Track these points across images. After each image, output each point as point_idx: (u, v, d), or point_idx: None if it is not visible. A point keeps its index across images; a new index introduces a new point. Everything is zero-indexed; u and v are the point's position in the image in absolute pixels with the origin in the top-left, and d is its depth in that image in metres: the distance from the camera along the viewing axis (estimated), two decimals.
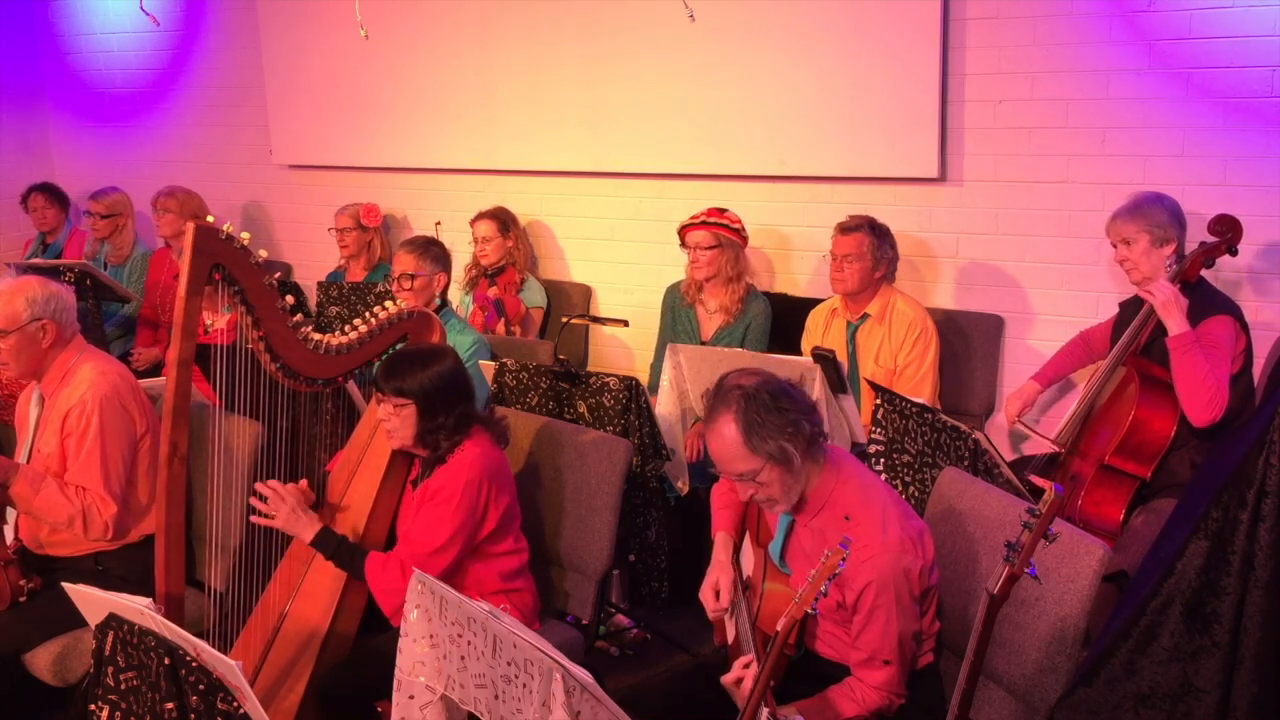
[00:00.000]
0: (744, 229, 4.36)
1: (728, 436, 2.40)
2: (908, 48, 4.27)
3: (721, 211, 4.36)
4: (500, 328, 4.83)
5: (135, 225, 5.82)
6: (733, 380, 2.44)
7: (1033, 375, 3.90)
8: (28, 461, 3.21)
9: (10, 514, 3.28)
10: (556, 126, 5.13)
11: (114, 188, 5.78)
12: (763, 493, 2.45)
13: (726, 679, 2.42)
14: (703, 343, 4.32)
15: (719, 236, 4.28)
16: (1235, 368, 3.27)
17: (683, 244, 4.37)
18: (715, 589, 2.65)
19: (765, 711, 2.25)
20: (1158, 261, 3.38)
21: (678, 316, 4.50)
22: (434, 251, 4.12)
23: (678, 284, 4.53)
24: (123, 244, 5.72)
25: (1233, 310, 3.32)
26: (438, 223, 5.27)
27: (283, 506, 2.84)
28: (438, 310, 3.98)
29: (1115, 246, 3.48)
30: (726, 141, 4.74)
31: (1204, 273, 3.41)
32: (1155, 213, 3.39)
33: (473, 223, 4.98)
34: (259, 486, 2.86)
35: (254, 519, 2.86)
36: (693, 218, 4.36)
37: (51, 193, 6.01)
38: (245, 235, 2.72)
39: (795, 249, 4.74)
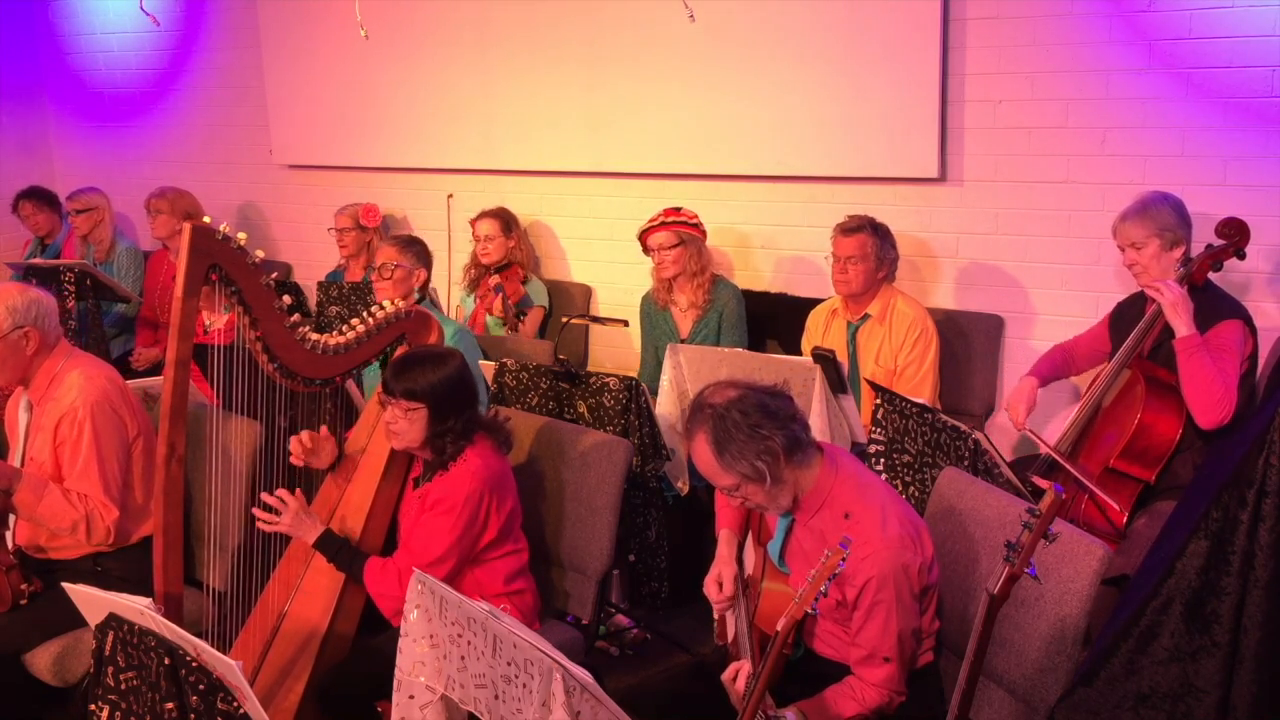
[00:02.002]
0: (701, 224, 4.45)
1: (702, 456, 2.42)
2: (908, 48, 4.27)
3: (677, 210, 4.44)
4: (498, 306, 4.80)
5: (113, 220, 5.82)
6: (707, 397, 2.45)
7: (1029, 371, 3.87)
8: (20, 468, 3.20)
9: (10, 518, 3.28)
10: (556, 126, 5.13)
11: (92, 188, 5.77)
12: (749, 502, 2.47)
13: (725, 675, 2.43)
14: (682, 341, 4.35)
15: (680, 234, 4.37)
16: (1243, 370, 3.25)
17: (645, 249, 4.45)
18: (718, 582, 2.65)
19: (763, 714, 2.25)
20: (1168, 265, 3.34)
21: (655, 322, 4.55)
22: (416, 248, 4.13)
23: (649, 292, 4.58)
24: (102, 238, 5.73)
25: (1242, 314, 3.30)
26: (450, 195, 5.30)
27: (287, 511, 2.86)
28: (417, 304, 3.98)
29: (1123, 250, 3.44)
30: (726, 141, 4.74)
31: (1210, 275, 3.39)
32: (1163, 214, 3.36)
33: (473, 222, 4.98)
34: (265, 497, 2.87)
35: (260, 526, 2.88)
36: (650, 221, 4.43)
37: (39, 197, 5.96)
38: (242, 235, 2.72)
39: (794, 249, 4.74)
